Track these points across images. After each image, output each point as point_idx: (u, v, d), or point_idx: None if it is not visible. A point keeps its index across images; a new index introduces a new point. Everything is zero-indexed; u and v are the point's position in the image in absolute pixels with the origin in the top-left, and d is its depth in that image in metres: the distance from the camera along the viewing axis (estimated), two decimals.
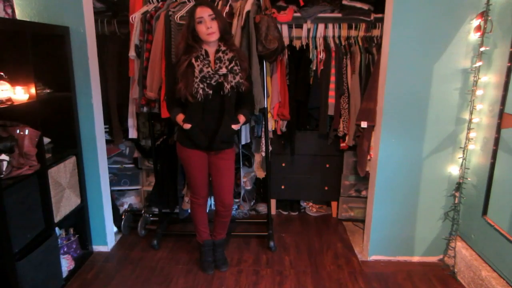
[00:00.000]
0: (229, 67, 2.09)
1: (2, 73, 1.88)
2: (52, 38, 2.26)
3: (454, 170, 2.38)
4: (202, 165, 2.27)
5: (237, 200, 3.28)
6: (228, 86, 2.08)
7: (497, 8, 2.05)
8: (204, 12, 2.00)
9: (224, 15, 2.37)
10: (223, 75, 2.08)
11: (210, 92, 2.06)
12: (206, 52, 2.09)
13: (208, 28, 2.00)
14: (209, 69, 2.06)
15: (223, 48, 2.10)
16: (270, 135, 2.90)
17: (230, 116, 2.14)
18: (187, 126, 2.10)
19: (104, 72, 2.75)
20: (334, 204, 3.27)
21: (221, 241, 2.49)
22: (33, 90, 1.96)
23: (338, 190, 3.17)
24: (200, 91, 2.04)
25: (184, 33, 2.08)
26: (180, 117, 2.14)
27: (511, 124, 1.97)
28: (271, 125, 2.87)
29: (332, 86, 2.86)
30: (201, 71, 2.05)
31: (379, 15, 2.74)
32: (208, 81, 2.05)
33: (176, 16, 2.34)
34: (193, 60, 2.05)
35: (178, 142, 2.26)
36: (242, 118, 2.21)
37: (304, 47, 2.96)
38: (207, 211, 2.53)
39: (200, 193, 2.36)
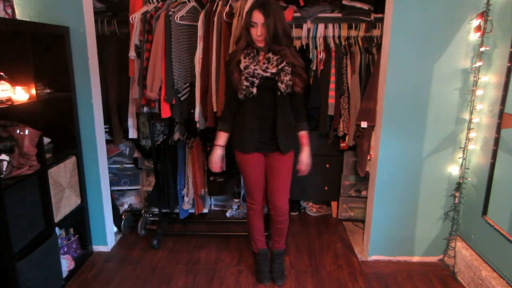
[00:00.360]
0: (280, 67, 1.99)
1: (2, 73, 1.88)
2: (52, 38, 2.26)
3: (454, 170, 2.38)
4: (259, 167, 2.21)
5: (237, 200, 3.29)
6: (281, 86, 2.00)
7: (497, 8, 2.05)
8: (258, 18, 1.92)
9: (224, 15, 2.37)
10: (272, 74, 2.00)
11: (254, 90, 2.00)
12: (257, 51, 2.04)
13: (259, 35, 1.95)
14: (257, 67, 2.00)
15: (276, 49, 2.01)
16: None
17: (283, 120, 2.08)
18: (217, 153, 2.15)
19: (104, 72, 2.75)
20: (334, 204, 3.27)
21: (279, 252, 2.38)
22: (33, 90, 1.96)
23: (338, 190, 3.17)
24: (243, 88, 1.99)
25: (242, 30, 2.03)
26: (221, 136, 2.14)
27: (511, 124, 1.97)
28: None
29: (332, 86, 2.86)
30: (246, 67, 2.00)
31: (379, 15, 2.74)
32: (252, 79, 1.99)
33: (176, 16, 2.34)
34: (242, 57, 2.02)
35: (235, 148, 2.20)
36: (305, 137, 2.19)
37: (304, 47, 2.95)
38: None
39: (255, 197, 2.27)
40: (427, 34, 2.20)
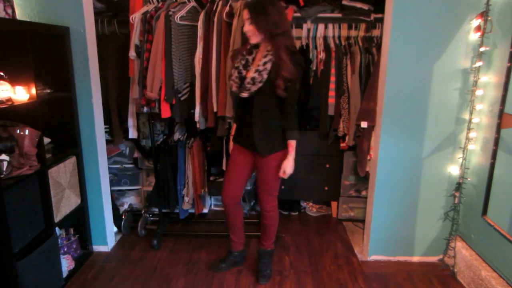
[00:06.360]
0: (259, 70, 1.97)
1: (2, 73, 1.88)
2: (52, 38, 2.26)
3: (454, 170, 2.38)
4: (240, 163, 2.23)
5: None
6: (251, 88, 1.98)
7: (497, 8, 2.05)
8: (245, 15, 1.99)
9: (224, 15, 2.37)
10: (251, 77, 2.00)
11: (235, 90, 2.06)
12: (250, 50, 2.07)
13: (247, 31, 2.00)
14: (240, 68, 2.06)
15: (264, 50, 2.01)
16: None
17: (261, 123, 2.06)
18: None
19: (104, 72, 2.75)
20: (334, 204, 3.27)
21: (264, 251, 2.38)
22: (33, 90, 1.96)
23: (338, 190, 3.17)
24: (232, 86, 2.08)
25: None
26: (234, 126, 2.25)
27: (511, 124, 1.97)
28: None
29: (332, 86, 2.86)
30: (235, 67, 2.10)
31: (379, 15, 2.74)
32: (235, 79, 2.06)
33: (176, 16, 2.34)
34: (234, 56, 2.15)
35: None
36: (291, 145, 2.06)
37: (304, 47, 2.96)
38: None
39: (227, 193, 2.29)
40: (427, 34, 2.21)
